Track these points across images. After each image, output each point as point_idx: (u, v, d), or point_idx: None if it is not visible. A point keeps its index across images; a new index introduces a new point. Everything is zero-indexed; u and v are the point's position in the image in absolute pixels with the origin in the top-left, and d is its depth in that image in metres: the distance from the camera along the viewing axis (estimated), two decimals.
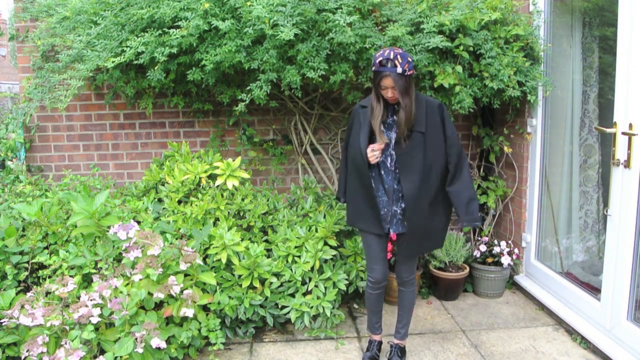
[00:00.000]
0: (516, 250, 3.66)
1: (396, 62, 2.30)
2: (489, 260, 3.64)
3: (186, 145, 3.50)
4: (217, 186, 3.23)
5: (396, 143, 2.45)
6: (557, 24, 3.43)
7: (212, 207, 3.10)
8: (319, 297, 2.98)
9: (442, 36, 2.97)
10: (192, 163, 3.32)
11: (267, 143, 3.89)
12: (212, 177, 3.29)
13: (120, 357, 2.34)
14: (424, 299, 3.62)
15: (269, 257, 3.08)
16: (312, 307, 2.95)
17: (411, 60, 2.35)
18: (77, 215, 2.75)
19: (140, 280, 2.48)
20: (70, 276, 2.70)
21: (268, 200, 3.40)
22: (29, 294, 2.50)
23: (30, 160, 3.87)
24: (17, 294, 2.68)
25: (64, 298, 2.46)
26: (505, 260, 3.55)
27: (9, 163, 3.79)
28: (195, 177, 3.24)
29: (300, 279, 2.96)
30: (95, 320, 2.31)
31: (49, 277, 2.80)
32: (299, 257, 3.04)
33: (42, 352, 2.26)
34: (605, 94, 3.17)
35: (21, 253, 2.86)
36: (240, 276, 2.91)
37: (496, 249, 3.64)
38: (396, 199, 2.51)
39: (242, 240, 3.02)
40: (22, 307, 2.36)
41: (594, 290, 3.03)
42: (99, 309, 2.36)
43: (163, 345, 2.30)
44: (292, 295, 3.01)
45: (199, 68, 2.99)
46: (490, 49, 3.13)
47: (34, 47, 3.67)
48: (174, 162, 3.41)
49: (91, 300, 2.39)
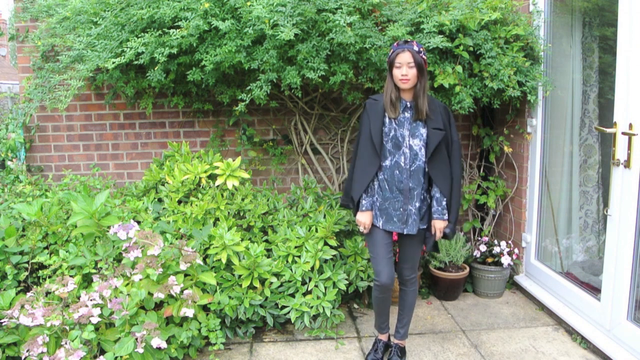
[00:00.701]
0: (516, 250, 3.66)
1: (412, 44, 2.44)
2: (489, 260, 3.64)
3: (186, 145, 3.50)
4: (217, 186, 3.23)
5: (425, 146, 2.49)
6: (557, 23, 3.42)
7: (212, 207, 3.10)
8: (319, 297, 2.98)
9: (442, 36, 2.97)
10: (192, 163, 3.32)
11: (267, 143, 3.89)
12: (212, 177, 3.29)
13: (121, 357, 2.34)
14: (423, 299, 3.62)
15: (269, 257, 3.08)
16: (312, 307, 2.95)
17: (424, 50, 2.50)
18: (77, 215, 2.75)
19: (140, 280, 2.48)
20: (70, 276, 2.70)
21: (268, 200, 3.40)
22: (29, 294, 2.50)
23: (30, 160, 3.87)
24: (17, 294, 2.68)
25: (64, 298, 2.46)
26: (505, 260, 3.55)
27: (9, 163, 3.79)
28: (195, 177, 3.24)
29: (300, 279, 2.96)
30: (95, 320, 2.31)
31: (49, 277, 2.80)
32: (299, 257, 3.04)
33: (42, 352, 2.26)
34: (605, 94, 3.17)
35: (21, 253, 2.86)
36: (240, 276, 2.91)
37: (496, 249, 3.64)
38: (411, 198, 2.51)
39: (242, 240, 3.02)
40: (22, 307, 2.36)
41: (594, 290, 3.03)
42: (99, 309, 2.37)
43: (163, 345, 2.30)
44: (292, 295, 3.01)
45: (199, 68, 2.99)
46: (490, 49, 3.13)
47: (34, 47, 3.67)
48: (174, 162, 3.41)
49: (91, 300, 2.39)
